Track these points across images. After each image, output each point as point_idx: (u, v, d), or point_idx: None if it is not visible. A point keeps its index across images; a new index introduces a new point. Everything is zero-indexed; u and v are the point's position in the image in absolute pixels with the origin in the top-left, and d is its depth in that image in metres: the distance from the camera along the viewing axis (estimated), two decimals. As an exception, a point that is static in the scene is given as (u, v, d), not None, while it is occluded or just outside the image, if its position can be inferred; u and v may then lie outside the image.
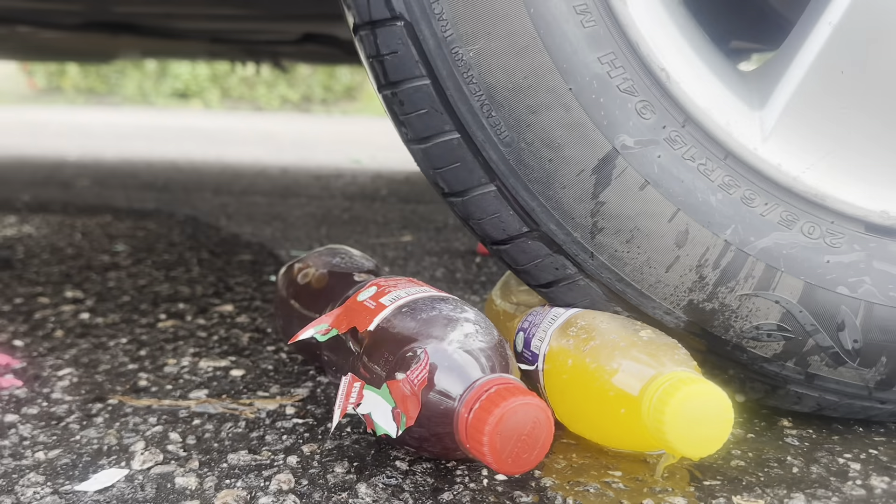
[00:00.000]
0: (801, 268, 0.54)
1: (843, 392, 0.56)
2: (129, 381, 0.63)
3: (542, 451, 0.44)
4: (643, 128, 0.52)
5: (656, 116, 0.52)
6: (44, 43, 2.06)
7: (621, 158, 0.52)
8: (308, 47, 1.94)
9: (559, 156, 0.53)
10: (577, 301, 0.56)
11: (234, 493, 0.45)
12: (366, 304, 0.53)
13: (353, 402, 0.48)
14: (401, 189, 2.09)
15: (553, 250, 0.55)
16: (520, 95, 0.52)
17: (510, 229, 0.55)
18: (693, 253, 0.54)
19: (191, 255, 1.16)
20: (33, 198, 1.72)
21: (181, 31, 1.78)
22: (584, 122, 0.52)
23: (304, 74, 8.58)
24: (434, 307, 0.50)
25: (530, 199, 0.54)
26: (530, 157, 0.53)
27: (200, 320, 0.81)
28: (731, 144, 0.53)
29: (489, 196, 0.55)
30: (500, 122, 0.52)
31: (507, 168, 0.53)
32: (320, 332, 0.54)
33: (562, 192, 0.53)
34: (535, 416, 0.43)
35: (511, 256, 0.56)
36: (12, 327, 0.77)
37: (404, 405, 0.45)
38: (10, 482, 0.46)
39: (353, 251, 0.70)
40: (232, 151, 3.15)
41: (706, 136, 0.53)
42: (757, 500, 0.46)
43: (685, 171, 0.53)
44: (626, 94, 0.52)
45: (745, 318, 0.54)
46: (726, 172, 0.53)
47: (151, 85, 8.81)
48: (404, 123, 0.55)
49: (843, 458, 0.53)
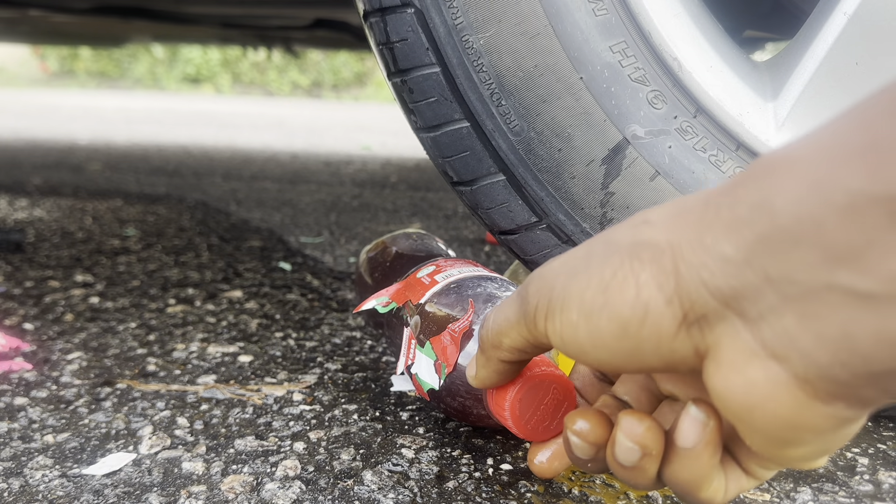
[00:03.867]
0: None
1: None
2: (137, 365, 0.64)
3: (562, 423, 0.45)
4: (654, 118, 0.52)
5: (668, 106, 0.52)
6: (55, 27, 2.06)
7: (632, 148, 0.52)
8: (319, 33, 1.93)
9: (569, 145, 0.52)
10: None
11: (240, 478, 0.46)
12: (422, 280, 0.56)
13: (411, 359, 0.51)
14: (410, 176, 2.09)
15: (562, 241, 0.55)
16: (530, 84, 0.51)
17: (519, 219, 0.55)
18: None
19: (200, 240, 1.16)
20: (44, 181, 1.72)
21: (192, 15, 1.77)
22: (595, 112, 0.51)
23: (315, 60, 8.57)
24: (480, 285, 0.52)
25: (539, 189, 0.53)
26: (540, 147, 0.53)
27: (209, 306, 0.81)
28: (743, 135, 0.52)
29: (498, 185, 0.54)
30: (510, 110, 0.52)
31: (516, 157, 0.53)
32: (381, 305, 0.57)
33: (571, 182, 0.53)
34: (555, 386, 0.44)
35: (519, 246, 0.56)
36: (22, 310, 0.77)
37: (444, 355, 0.48)
38: (19, 465, 0.46)
39: (431, 237, 0.73)
40: (242, 136, 3.16)
41: (718, 126, 0.52)
42: (763, 493, 0.46)
43: (696, 161, 0.53)
44: (638, 84, 0.51)
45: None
46: (738, 164, 0.53)
47: (163, 69, 8.82)
48: (414, 111, 0.55)
49: (850, 452, 0.53)
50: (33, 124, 3.41)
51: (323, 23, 1.83)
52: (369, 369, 0.64)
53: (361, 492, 0.44)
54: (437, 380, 0.48)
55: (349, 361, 0.66)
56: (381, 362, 0.66)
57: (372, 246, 0.74)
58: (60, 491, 0.44)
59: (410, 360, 0.52)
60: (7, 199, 1.48)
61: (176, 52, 8.45)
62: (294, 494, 0.44)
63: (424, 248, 0.69)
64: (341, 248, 1.14)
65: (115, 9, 1.65)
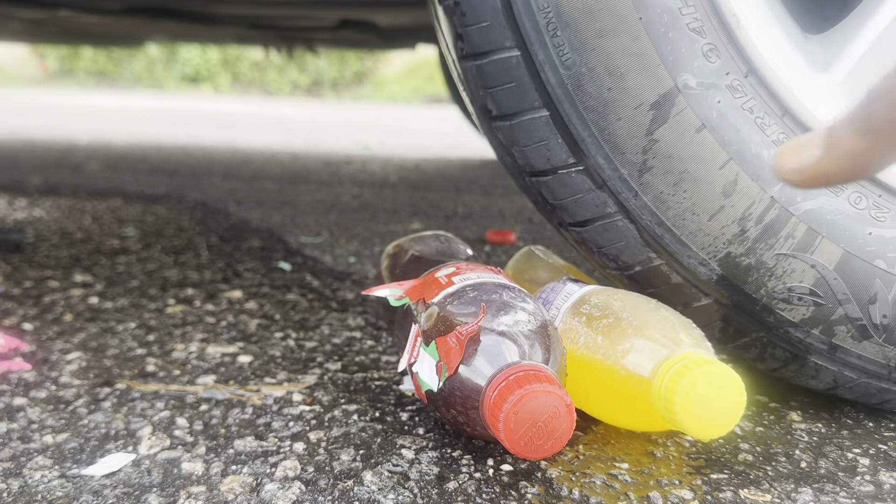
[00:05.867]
0: (842, 236, 0.53)
1: (862, 369, 0.56)
2: (137, 365, 0.63)
3: (559, 442, 0.44)
4: (707, 71, 0.51)
5: (721, 62, 0.51)
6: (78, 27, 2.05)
7: (682, 98, 0.51)
8: (344, 33, 1.93)
9: (620, 86, 0.51)
10: (610, 243, 0.55)
11: (240, 479, 0.45)
12: (440, 279, 0.55)
13: (414, 356, 0.51)
14: (410, 176, 2.09)
15: (596, 185, 0.53)
16: (589, 17, 0.50)
17: (555, 159, 0.53)
18: (738, 205, 0.53)
19: (200, 240, 1.16)
20: (44, 181, 1.72)
21: (222, 16, 1.77)
22: (650, 55, 0.50)
23: (315, 59, 8.57)
24: (496, 291, 0.51)
25: (582, 129, 0.52)
26: (590, 84, 0.51)
27: (209, 306, 0.81)
28: (790, 103, 0.52)
29: (540, 121, 0.53)
30: (565, 42, 0.51)
31: (563, 93, 0.51)
32: (394, 297, 0.56)
33: (616, 124, 0.52)
34: (555, 406, 0.44)
35: (550, 189, 0.55)
36: (21, 311, 0.77)
37: (447, 357, 0.47)
38: (18, 465, 0.46)
39: (458, 241, 0.72)
40: (242, 136, 3.15)
41: (767, 90, 0.52)
42: (764, 494, 0.46)
43: (742, 121, 0.52)
44: (695, 34, 0.50)
45: (778, 279, 0.54)
46: (782, 130, 0.52)
47: (162, 69, 8.82)
48: (462, 36, 0.53)
49: (851, 453, 0.53)
50: (32, 124, 3.41)
51: (348, 23, 1.82)
52: (369, 369, 0.64)
53: (361, 492, 0.44)
54: (437, 381, 0.48)
55: (349, 362, 0.66)
56: (382, 362, 0.66)
57: (396, 243, 0.73)
58: (59, 491, 0.43)
59: (413, 358, 0.51)
60: (6, 198, 1.48)
61: (175, 52, 8.44)
62: (294, 495, 0.44)
63: (450, 251, 0.68)
64: (341, 248, 1.14)
65: (144, 9, 1.65)
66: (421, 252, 0.68)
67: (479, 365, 0.46)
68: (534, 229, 1.36)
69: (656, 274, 0.56)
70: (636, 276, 0.56)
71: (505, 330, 0.48)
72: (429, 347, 0.49)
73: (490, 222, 1.41)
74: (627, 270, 0.56)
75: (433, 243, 0.70)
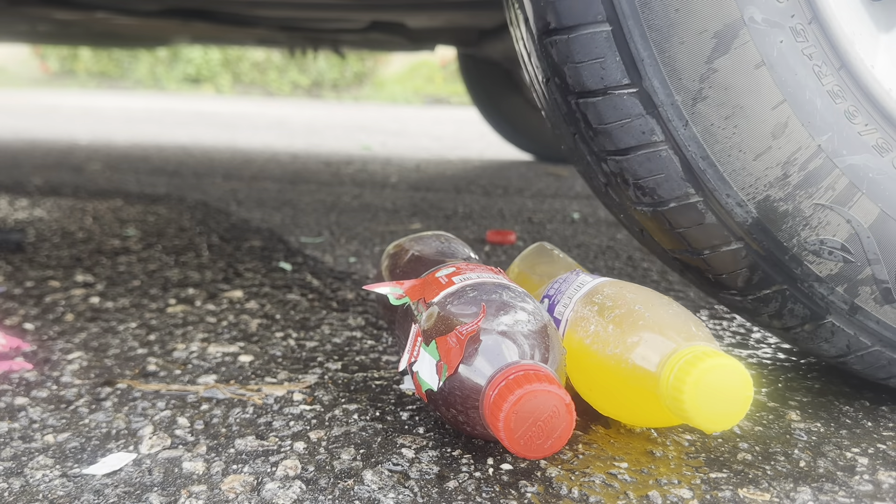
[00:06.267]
0: (881, 195, 0.53)
1: (878, 336, 0.56)
2: (138, 365, 0.64)
3: (559, 441, 0.44)
4: (774, 9, 0.51)
5: (788, 3, 0.51)
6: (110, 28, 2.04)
7: (746, 30, 0.51)
8: (372, 35, 1.92)
9: (687, 7, 0.50)
10: (650, 174, 0.54)
11: (241, 478, 0.46)
12: (440, 279, 0.56)
13: (414, 356, 0.51)
14: (410, 176, 2.09)
15: (647, 111, 0.52)
16: None
17: (609, 79, 0.52)
18: (786, 148, 0.52)
19: (201, 240, 1.16)
20: (45, 181, 1.73)
21: (256, 18, 1.76)
22: None
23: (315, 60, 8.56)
24: (496, 291, 0.51)
25: (643, 49, 0.51)
26: (658, 1, 0.50)
27: (210, 306, 0.81)
28: (849, 57, 0.52)
29: (600, 37, 0.52)
30: None
31: (629, 7, 0.51)
32: (394, 295, 0.57)
33: (678, 47, 0.51)
34: (555, 405, 0.44)
35: (598, 111, 0.53)
36: (23, 311, 0.77)
37: (448, 356, 0.47)
38: (20, 464, 0.47)
39: (459, 241, 0.72)
40: (243, 137, 3.16)
41: (828, 40, 0.52)
42: (763, 493, 0.46)
43: (801, 65, 0.52)
44: None
45: (813, 229, 0.54)
46: (837, 82, 0.52)
47: (163, 69, 8.82)
48: None
49: (850, 452, 0.53)
50: (33, 124, 3.41)
51: (378, 25, 1.82)
52: (370, 369, 0.65)
53: (362, 492, 0.44)
54: (437, 381, 0.48)
55: (349, 361, 0.66)
56: (382, 362, 0.66)
57: (397, 243, 0.74)
58: (61, 491, 0.44)
59: (414, 358, 0.52)
60: (7, 199, 1.48)
61: (176, 53, 8.44)
62: (294, 494, 0.44)
63: (450, 251, 0.68)
64: (341, 248, 1.14)
65: (181, 11, 1.64)
66: (421, 252, 0.68)
67: (479, 364, 0.47)
68: (534, 229, 1.36)
69: (690, 212, 0.55)
70: (668, 213, 0.55)
71: (505, 330, 0.48)
72: (429, 347, 0.50)
73: (490, 222, 1.42)
74: (661, 206, 0.55)
75: (433, 243, 0.70)
